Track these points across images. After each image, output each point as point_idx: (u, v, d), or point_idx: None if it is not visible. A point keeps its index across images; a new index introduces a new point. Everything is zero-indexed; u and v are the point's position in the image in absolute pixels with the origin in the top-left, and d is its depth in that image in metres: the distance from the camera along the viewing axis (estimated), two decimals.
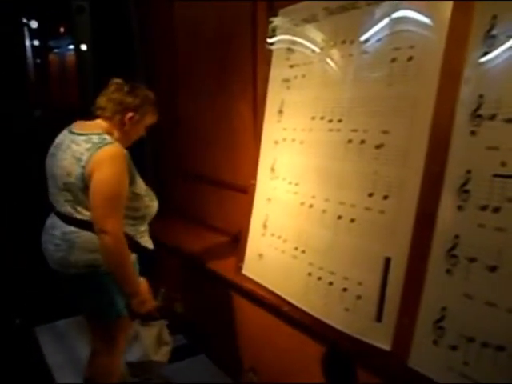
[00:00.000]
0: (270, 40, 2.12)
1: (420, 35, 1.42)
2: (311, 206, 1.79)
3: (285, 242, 1.93)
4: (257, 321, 2.13)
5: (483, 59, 1.23)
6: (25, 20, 4.00)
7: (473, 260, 1.21)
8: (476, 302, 1.20)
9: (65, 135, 1.80)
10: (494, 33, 1.21)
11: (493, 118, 1.19)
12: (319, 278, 1.72)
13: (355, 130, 1.62)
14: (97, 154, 1.66)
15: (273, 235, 2.01)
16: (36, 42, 4.35)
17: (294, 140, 1.93)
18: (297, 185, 1.89)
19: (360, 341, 1.52)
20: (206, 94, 2.88)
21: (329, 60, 1.77)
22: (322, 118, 1.78)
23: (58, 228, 1.76)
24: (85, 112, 1.90)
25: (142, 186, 1.83)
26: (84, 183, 1.67)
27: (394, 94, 1.49)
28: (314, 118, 1.82)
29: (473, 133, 1.24)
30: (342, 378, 1.68)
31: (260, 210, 2.12)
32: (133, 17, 3.51)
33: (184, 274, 2.79)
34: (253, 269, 2.11)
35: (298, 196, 1.87)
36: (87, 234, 1.70)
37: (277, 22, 2.08)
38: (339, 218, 1.65)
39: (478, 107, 1.23)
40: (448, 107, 1.30)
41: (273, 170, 2.06)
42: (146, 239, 1.90)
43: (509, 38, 1.17)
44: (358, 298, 1.56)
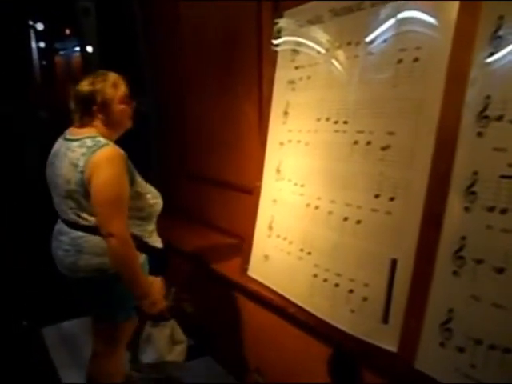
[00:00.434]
0: (275, 41, 2.12)
1: (426, 36, 1.42)
2: (317, 208, 1.79)
3: (290, 243, 1.92)
4: (262, 322, 2.13)
5: (490, 60, 1.22)
6: (31, 22, 4.01)
7: (480, 261, 1.20)
8: (483, 304, 1.19)
9: (60, 143, 1.80)
10: (500, 33, 1.20)
11: (500, 118, 1.19)
12: (325, 280, 1.71)
13: (361, 132, 1.61)
14: (93, 157, 1.64)
15: (278, 236, 2.01)
16: (42, 44, 4.37)
17: (299, 141, 1.93)
18: (302, 186, 1.89)
19: (366, 342, 1.51)
20: (211, 95, 2.89)
21: (334, 61, 1.76)
22: (328, 120, 1.77)
23: (66, 234, 1.77)
24: None
25: (143, 184, 1.81)
26: (84, 188, 1.66)
27: (400, 95, 1.48)
28: (319, 120, 1.82)
29: (479, 134, 1.23)
30: (347, 379, 1.67)
31: (265, 211, 2.12)
32: (138, 18, 3.53)
33: (189, 275, 2.80)
34: (258, 270, 2.11)
35: (304, 197, 1.87)
36: (95, 239, 1.70)
37: (282, 23, 2.08)
38: (345, 219, 1.65)
39: (485, 108, 1.22)
40: (454, 108, 1.30)
41: (278, 171, 2.06)
42: (155, 239, 1.89)
43: None
44: (365, 299, 1.55)
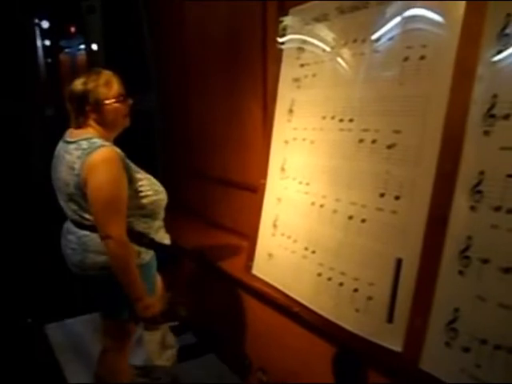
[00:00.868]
0: (280, 39, 2.11)
1: (432, 34, 1.41)
2: (322, 206, 1.79)
3: (295, 242, 1.92)
4: (266, 320, 2.12)
5: (497, 58, 1.21)
6: (36, 20, 4.03)
7: (486, 261, 1.20)
8: (489, 304, 1.18)
9: (60, 146, 1.80)
10: (508, 31, 1.19)
11: (507, 117, 1.17)
12: (329, 279, 1.71)
13: (366, 130, 1.60)
14: (87, 160, 1.63)
15: (283, 235, 2.01)
16: (47, 42, 4.39)
17: (304, 139, 1.93)
18: (307, 185, 1.88)
19: (371, 342, 1.51)
20: (215, 93, 2.89)
21: (340, 59, 1.75)
22: (333, 118, 1.76)
23: (73, 233, 1.78)
24: None
25: (143, 182, 1.78)
26: (82, 191, 1.66)
27: (406, 93, 1.47)
28: (324, 118, 1.81)
29: (486, 133, 1.22)
30: (352, 378, 1.67)
31: (270, 209, 2.12)
32: (143, 16, 3.53)
33: (193, 273, 2.80)
34: (262, 268, 2.11)
35: (309, 196, 1.86)
36: (98, 237, 1.69)
37: (287, 21, 2.07)
38: (350, 218, 1.64)
39: (492, 107, 1.21)
40: (461, 107, 1.29)
41: (283, 169, 2.05)
42: (162, 235, 1.88)
43: None
44: (369, 298, 1.54)
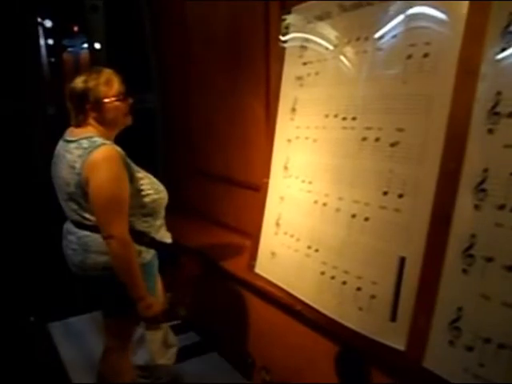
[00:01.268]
0: (282, 38, 2.10)
1: (436, 31, 1.40)
2: (325, 205, 1.78)
3: (298, 240, 1.92)
4: (269, 319, 2.12)
5: (501, 56, 1.20)
6: (39, 19, 4.03)
7: (490, 260, 1.19)
8: (492, 303, 1.18)
9: (60, 145, 1.79)
10: (511, 29, 1.18)
11: (511, 115, 1.17)
12: (333, 277, 1.71)
13: (370, 128, 1.60)
14: (88, 158, 1.63)
15: (286, 234, 2.00)
16: (50, 41, 4.39)
17: (307, 138, 1.92)
18: (310, 183, 1.88)
19: (374, 341, 1.50)
20: (218, 91, 2.88)
21: (343, 57, 1.75)
22: (336, 116, 1.76)
23: (74, 234, 1.77)
24: None
25: (144, 181, 1.78)
26: (83, 191, 1.65)
27: (410, 91, 1.47)
28: (327, 116, 1.81)
29: (490, 131, 1.22)
30: (355, 377, 1.67)
31: (273, 208, 2.12)
32: (145, 15, 3.53)
33: (195, 272, 2.80)
34: (265, 267, 2.11)
35: (312, 194, 1.86)
36: (99, 237, 1.69)
37: (290, 19, 2.06)
38: (353, 216, 1.64)
39: (496, 104, 1.21)
40: (465, 105, 1.28)
41: (286, 168, 2.05)
42: (163, 234, 1.88)
43: None
44: (372, 297, 1.54)
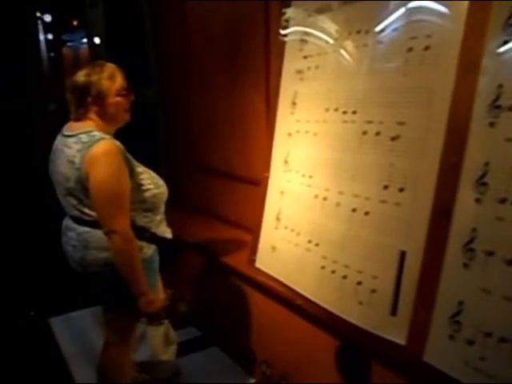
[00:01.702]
0: (282, 31, 2.09)
1: (437, 24, 1.39)
2: (325, 199, 1.78)
3: (298, 234, 1.91)
4: (269, 313, 2.12)
5: (502, 48, 1.20)
6: (38, 14, 4.01)
7: (491, 254, 1.19)
8: (493, 297, 1.18)
9: (58, 140, 1.78)
10: None
11: None
12: (333, 272, 1.70)
13: (370, 122, 1.59)
14: (88, 153, 1.61)
15: (286, 228, 2.00)
16: (50, 36, 4.37)
17: (307, 132, 1.92)
18: (310, 177, 1.87)
19: (374, 335, 1.50)
20: (218, 86, 2.87)
21: (343, 50, 1.74)
22: (336, 110, 1.75)
23: (73, 230, 1.76)
24: None
25: (144, 175, 1.77)
26: (83, 186, 1.64)
27: (410, 84, 1.46)
28: (327, 110, 1.80)
29: (491, 124, 1.21)
30: (355, 371, 1.67)
31: (273, 202, 2.11)
32: (145, 10, 3.51)
33: (196, 267, 2.80)
34: (266, 262, 2.11)
35: (312, 189, 1.85)
36: (99, 233, 1.68)
37: (290, 13, 2.05)
38: (354, 210, 1.64)
39: (497, 98, 1.20)
40: (466, 98, 1.28)
41: (286, 162, 2.04)
42: (164, 229, 1.87)
43: None
44: (373, 291, 1.54)
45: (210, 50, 2.93)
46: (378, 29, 1.59)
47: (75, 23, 4.64)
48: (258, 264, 2.15)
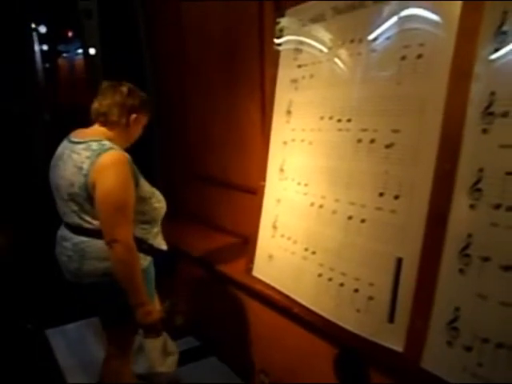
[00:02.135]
0: (277, 41, 2.11)
1: (429, 32, 1.41)
2: (321, 207, 1.78)
3: (295, 243, 1.91)
4: (267, 322, 2.12)
5: (494, 56, 1.21)
6: (33, 25, 4.02)
7: (486, 259, 1.19)
8: (490, 302, 1.18)
9: (64, 145, 1.78)
10: (505, 29, 1.19)
11: (505, 115, 1.17)
12: (330, 279, 1.71)
13: (365, 130, 1.60)
14: (97, 161, 1.62)
15: (283, 236, 2.00)
16: (45, 47, 4.38)
17: (302, 140, 1.93)
18: (306, 185, 1.88)
19: (372, 342, 1.50)
20: (213, 95, 2.88)
21: (337, 59, 1.75)
22: (331, 118, 1.76)
23: (69, 240, 1.75)
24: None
25: (146, 188, 1.79)
26: (88, 192, 1.64)
27: (404, 92, 1.47)
28: (322, 118, 1.81)
29: (485, 131, 1.22)
30: (353, 379, 1.66)
31: (269, 211, 2.12)
32: (140, 19, 3.53)
33: (194, 276, 2.79)
34: (263, 270, 2.11)
35: (308, 197, 1.86)
36: (98, 243, 1.68)
37: (284, 22, 2.07)
38: (350, 218, 1.64)
39: (490, 104, 1.21)
40: (459, 105, 1.29)
41: (282, 170, 2.05)
42: (160, 241, 1.88)
43: None
44: (370, 298, 1.54)
45: (205, 59, 2.93)
46: (371, 37, 1.61)
47: (70, 34, 4.66)
48: (255, 272, 2.15)
